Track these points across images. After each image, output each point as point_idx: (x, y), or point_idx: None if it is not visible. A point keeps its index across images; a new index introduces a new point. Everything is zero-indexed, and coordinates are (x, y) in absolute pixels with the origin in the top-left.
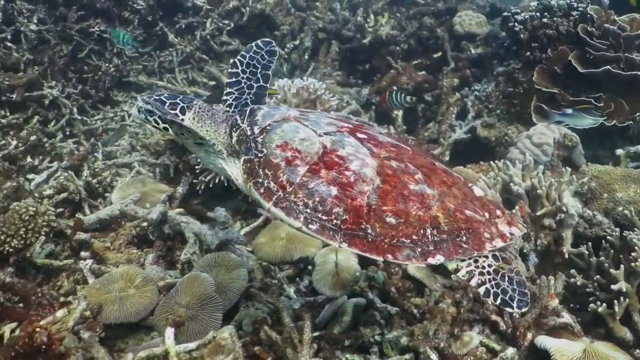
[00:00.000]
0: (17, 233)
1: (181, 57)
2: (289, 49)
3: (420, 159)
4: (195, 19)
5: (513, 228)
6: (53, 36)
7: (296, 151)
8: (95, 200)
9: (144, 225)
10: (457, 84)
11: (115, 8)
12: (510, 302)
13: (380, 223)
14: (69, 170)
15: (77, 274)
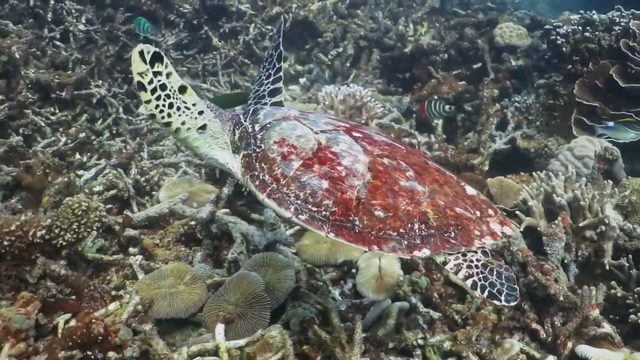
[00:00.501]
0: (71, 227)
1: (225, 61)
2: (332, 56)
3: (414, 157)
4: (239, 23)
5: (505, 227)
6: (100, 36)
7: (292, 147)
8: (143, 198)
9: (192, 223)
10: (497, 95)
11: (161, 10)
12: (498, 295)
13: (368, 216)
14: (117, 168)
15: (126, 269)
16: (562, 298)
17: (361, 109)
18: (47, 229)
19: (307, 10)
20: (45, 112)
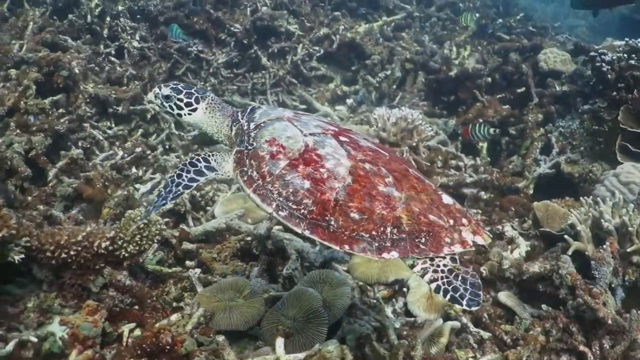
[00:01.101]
0: (133, 239)
1: (273, 80)
2: (380, 78)
3: (395, 165)
4: (287, 43)
5: (477, 237)
6: (153, 53)
7: (281, 147)
8: (197, 213)
9: (248, 239)
10: (541, 119)
11: (212, 30)
12: (460, 300)
13: (344, 217)
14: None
15: (185, 281)
16: (611, 321)
17: (412, 132)
18: (111, 240)
19: (354, 32)
20: (102, 126)
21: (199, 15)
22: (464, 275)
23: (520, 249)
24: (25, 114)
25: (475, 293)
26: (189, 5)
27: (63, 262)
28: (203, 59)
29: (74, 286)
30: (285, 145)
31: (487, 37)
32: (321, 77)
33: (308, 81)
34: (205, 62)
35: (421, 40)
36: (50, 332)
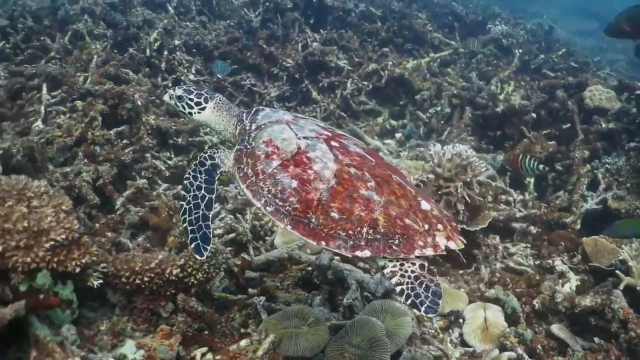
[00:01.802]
0: (202, 267)
1: (324, 114)
2: (430, 114)
3: (380, 170)
4: (337, 78)
5: (450, 242)
6: (208, 86)
7: (276, 148)
8: (257, 242)
9: (309, 269)
10: (587, 156)
11: (265, 64)
12: (419, 306)
13: (324, 216)
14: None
15: (249, 308)
16: None
17: (466, 168)
18: (181, 268)
19: (402, 68)
20: (162, 157)
21: (252, 50)
22: (428, 283)
23: (571, 283)
24: (92, 144)
25: (434, 301)
26: (242, 40)
27: (137, 288)
28: (256, 92)
29: (144, 311)
30: (280, 146)
31: (530, 73)
32: (369, 110)
33: (356, 115)
34: (258, 95)
35: (468, 76)
36: (123, 354)
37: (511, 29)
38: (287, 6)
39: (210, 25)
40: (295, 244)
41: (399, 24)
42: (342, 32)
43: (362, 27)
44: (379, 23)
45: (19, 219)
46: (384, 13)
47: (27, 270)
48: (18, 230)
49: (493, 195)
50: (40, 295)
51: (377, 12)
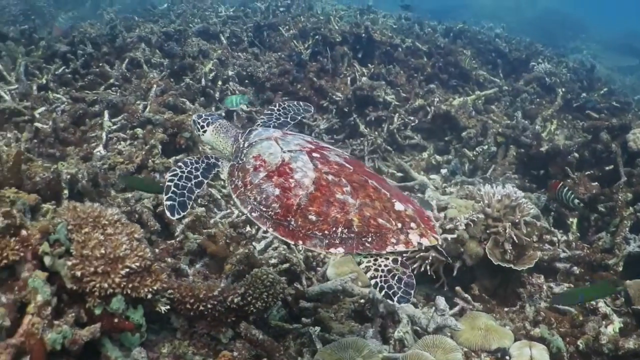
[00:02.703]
0: (261, 296)
1: (371, 147)
2: (477, 152)
3: (357, 177)
4: (384, 113)
5: (423, 239)
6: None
7: (263, 161)
8: (309, 273)
9: (361, 301)
10: (630, 199)
11: (315, 97)
12: (392, 296)
13: (302, 218)
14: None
15: (303, 337)
16: None
17: (515, 209)
18: (242, 296)
19: (448, 104)
20: (217, 185)
21: (302, 83)
22: (400, 276)
23: (614, 325)
24: (152, 171)
25: (406, 291)
26: (293, 72)
27: (199, 314)
28: (305, 123)
29: (204, 336)
30: (267, 160)
31: (573, 112)
32: (414, 145)
33: (402, 149)
34: (307, 127)
35: (513, 115)
36: None
37: (554, 67)
38: (335, 40)
39: (262, 57)
40: (349, 276)
41: (445, 60)
42: (390, 68)
43: (409, 63)
44: (424, 59)
45: (96, 246)
46: (429, 49)
47: (103, 295)
48: (96, 257)
49: (538, 235)
50: (115, 319)
51: (423, 47)
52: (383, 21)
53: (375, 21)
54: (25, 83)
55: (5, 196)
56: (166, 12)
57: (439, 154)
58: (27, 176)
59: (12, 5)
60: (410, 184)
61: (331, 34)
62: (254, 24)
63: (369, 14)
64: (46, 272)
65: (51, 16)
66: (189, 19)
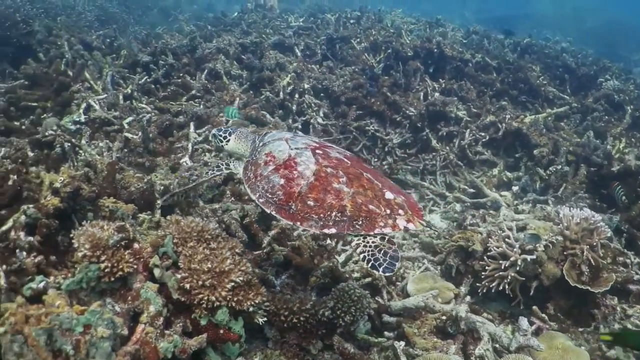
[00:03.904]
0: (349, 310)
1: (443, 162)
2: (550, 172)
3: (353, 169)
4: (455, 128)
5: (409, 224)
6: (335, 130)
7: (273, 157)
8: (389, 287)
9: (443, 318)
10: None
11: (388, 112)
12: (377, 267)
13: (302, 204)
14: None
15: (387, 351)
16: None
17: (593, 232)
18: (332, 310)
19: (519, 122)
20: None
21: (376, 97)
22: (386, 250)
23: None
24: (238, 183)
25: (391, 263)
26: (366, 86)
27: (292, 326)
28: (378, 137)
29: (294, 346)
30: (276, 155)
31: None
32: (484, 160)
33: (472, 164)
34: (380, 141)
35: (583, 133)
36: None
37: (622, 84)
38: (407, 54)
39: (337, 70)
40: (431, 293)
41: (514, 76)
42: (462, 84)
43: (479, 78)
44: (494, 74)
45: (203, 260)
46: (499, 64)
47: (210, 307)
48: (204, 271)
49: (612, 257)
50: (220, 330)
51: (492, 62)
52: (452, 35)
53: (444, 35)
54: (112, 92)
55: (105, 205)
56: (237, 21)
57: (509, 170)
58: (122, 185)
59: (88, 12)
60: (482, 201)
61: (403, 48)
62: (326, 37)
63: (438, 27)
64: (156, 284)
65: (123, 22)
66: (261, 29)
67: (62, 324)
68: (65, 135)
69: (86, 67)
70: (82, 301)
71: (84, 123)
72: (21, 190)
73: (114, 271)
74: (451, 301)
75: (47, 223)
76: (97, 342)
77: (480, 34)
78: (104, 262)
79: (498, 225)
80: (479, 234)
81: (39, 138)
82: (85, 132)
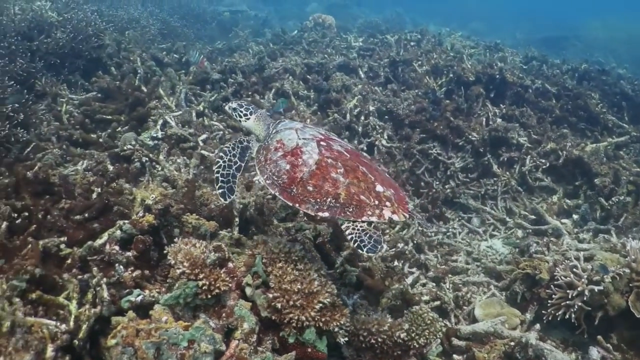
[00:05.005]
0: (423, 333)
1: (504, 188)
2: (612, 202)
3: (351, 162)
4: (516, 154)
5: (394, 215)
6: (398, 152)
7: (282, 144)
8: (456, 311)
9: (511, 344)
10: None
11: (451, 135)
12: (362, 248)
13: (302, 188)
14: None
15: None
16: None
17: None
18: (407, 332)
19: (580, 150)
20: None
21: (438, 121)
22: (371, 234)
23: None
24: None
25: (375, 245)
26: (429, 110)
27: (369, 346)
28: (440, 161)
29: None
30: (285, 143)
31: None
32: (545, 187)
33: (531, 190)
34: (442, 164)
35: None
36: None
37: None
38: (469, 79)
39: (401, 94)
40: (499, 319)
41: (574, 103)
42: (523, 110)
43: (539, 104)
44: (553, 100)
45: (293, 281)
46: (558, 90)
47: (299, 327)
48: (294, 291)
49: None
50: (308, 349)
51: (552, 89)
52: (511, 59)
53: (504, 59)
54: (186, 109)
55: (188, 222)
56: (297, 39)
57: (568, 197)
58: (202, 202)
59: (152, 25)
60: (544, 228)
61: (465, 73)
62: (389, 59)
63: (497, 51)
64: (249, 302)
65: (184, 36)
66: (323, 49)
67: (169, 338)
68: (144, 150)
69: (160, 84)
70: (176, 315)
71: (161, 139)
72: (108, 203)
73: (211, 289)
74: (517, 327)
75: (143, 239)
76: (200, 357)
77: (539, 59)
78: (202, 280)
79: (563, 254)
80: (546, 263)
81: (117, 152)
82: (163, 148)
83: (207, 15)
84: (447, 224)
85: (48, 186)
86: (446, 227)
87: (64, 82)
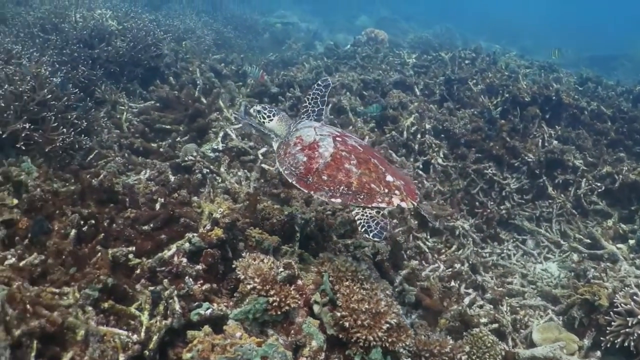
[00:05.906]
0: (483, 356)
1: (559, 210)
2: None
3: (364, 155)
4: (572, 177)
5: (402, 202)
6: (454, 171)
7: (301, 140)
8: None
9: None
10: None
11: (507, 156)
12: (369, 233)
13: (317, 177)
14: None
15: None
16: None
17: None
18: (468, 354)
19: (637, 174)
20: (422, 237)
21: (495, 141)
22: (378, 221)
23: None
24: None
25: (381, 231)
26: (485, 130)
27: None
28: (495, 181)
29: None
30: (304, 139)
31: None
32: (599, 211)
33: (585, 213)
34: (497, 184)
35: None
36: None
37: None
38: (524, 99)
39: (457, 112)
40: (558, 344)
41: (629, 126)
42: (579, 132)
43: (594, 126)
44: (609, 123)
45: (361, 300)
46: (613, 113)
47: (366, 346)
48: (362, 311)
49: None
50: None
51: (607, 111)
52: (566, 80)
53: (559, 80)
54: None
55: (252, 236)
56: (351, 53)
57: (623, 222)
58: (264, 217)
59: (206, 36)
60: (600, 252)
61: (520, 93)
62: (445, 77)
63: (552, 72)
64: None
65: (238, 47)
66: (378, 64)
67: (244, 354)
68: (205, 161)
69: (220, 96)
70: (245, 331)
71: (222, 151)
72: (174, 214)
73: (281, 305)
74: (575, 353)
75: (212, 252)
76: None
77: (594, 80)
78: (273, 296)
79: (621, 281)
80: (605, 289)
81: (178, 162)
82: (224, 160)
83: (258, 26)
84: (502, 245)
85: (112, 194)
86: (500, 248)
87: (123, 90)
